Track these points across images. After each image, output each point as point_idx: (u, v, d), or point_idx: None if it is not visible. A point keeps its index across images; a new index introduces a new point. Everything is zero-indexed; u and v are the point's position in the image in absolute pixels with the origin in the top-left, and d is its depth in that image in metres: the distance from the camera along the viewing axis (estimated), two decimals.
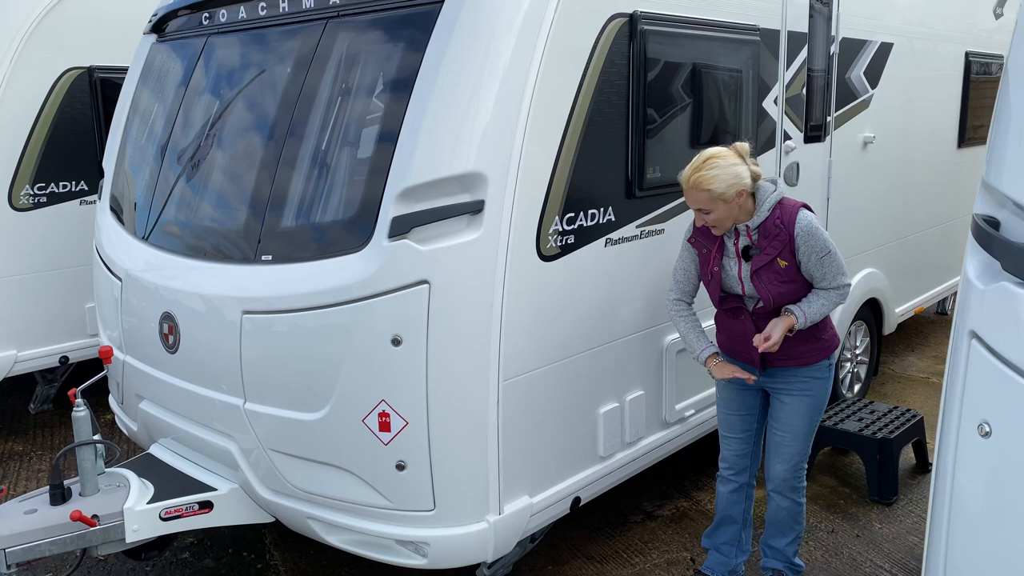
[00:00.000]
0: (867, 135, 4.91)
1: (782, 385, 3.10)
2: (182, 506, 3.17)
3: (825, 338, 3.07)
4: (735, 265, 2.96)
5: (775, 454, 3.15)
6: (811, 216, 2.90)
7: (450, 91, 2.74)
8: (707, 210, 2.85)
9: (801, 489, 3.20)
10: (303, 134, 3.09)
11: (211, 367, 3.18)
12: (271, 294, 2.95)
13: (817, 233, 2.88)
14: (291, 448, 3.00)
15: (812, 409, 3.10)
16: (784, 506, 3.21)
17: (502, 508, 2.93)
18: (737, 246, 2.95)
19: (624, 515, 4.10)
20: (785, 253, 2.89)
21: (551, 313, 3.04)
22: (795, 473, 3.15)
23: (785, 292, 2.93)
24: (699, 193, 2.83)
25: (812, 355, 3.05)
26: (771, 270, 2.91)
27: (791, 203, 2.93)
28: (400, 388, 2.75)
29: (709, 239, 3.02)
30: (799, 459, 3.14)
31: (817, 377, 3.07)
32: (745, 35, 3.76)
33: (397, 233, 2.69)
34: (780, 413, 3.11)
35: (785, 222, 2.88)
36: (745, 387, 3.19)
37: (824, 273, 2.91)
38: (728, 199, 2.83)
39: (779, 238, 2.88)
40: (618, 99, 3.20)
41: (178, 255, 3.41)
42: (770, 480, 3.20)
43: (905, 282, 5.67)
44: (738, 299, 3.02)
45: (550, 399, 3.10)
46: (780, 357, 3.03)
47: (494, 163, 2.76)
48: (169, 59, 3.92)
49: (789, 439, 3.10)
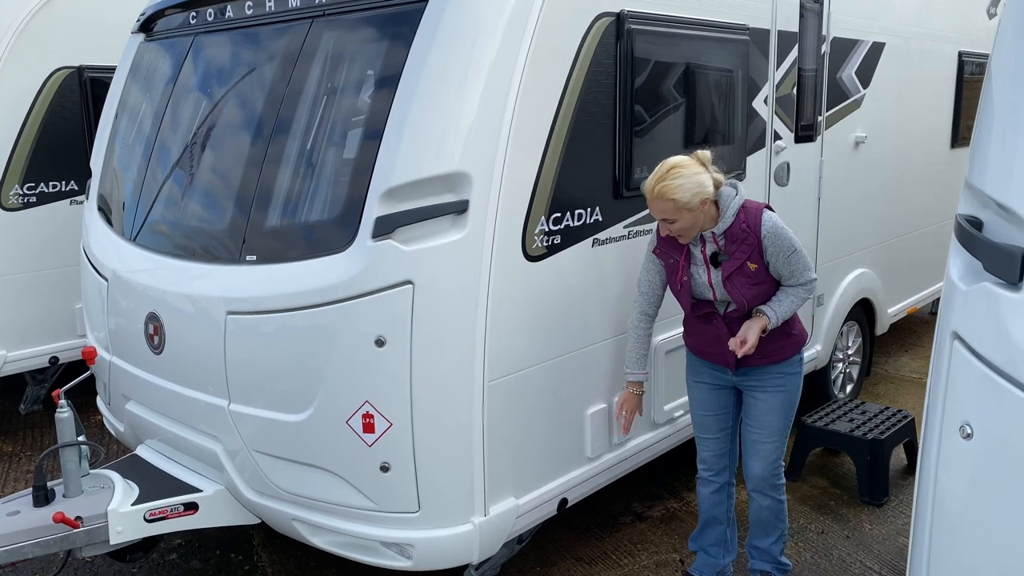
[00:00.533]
0: (859, 135, 4.89)
1: (755, 383, 3.10)
2: (167, 507, 3.16)
3: (795, 333, 3.09)
4: (704, 272, 2.97)
5: (752, 453, 3.15)
6: (775, 216, 2.93)
7: (434, 90, 2.72)
8: (672, 219, 2.86)
9: (780, 486, 3.20)
10: (288, 133, 3.07)
11: (196, 368, 3.16)
12: (255, 294, 2.93)
13: (783, 233, 2.90)
14: (275, 449, 2.98)
15: (786, 405, 3.10)
16: (765, 505, 3.21)
17: (488, 510, 2.91)
18: (704, 253, 2.96)
19: (614, 516, 4.08)
20: (754, 256, 2.90)
21: (537, 314, 3.03)
22: (773, 471, 3.15)
23: (758, 294, 2.95)
24: (664, 203, 2.83)
25: (784, 351, 3.06)
26: (742, 274, 2.92)
27: (754, 205, 2.94)
28: (384, 389, 2.73)
29: (675, 248, 3.01)
30: (776, 456, 3.14)
31: (789, 372, 3.09)
32: (734, 34, 3.74)
33: (381, 233, 2.68)
34: (754, 411, 3.11)
35: (751, 225, 2.89)
36: (717, 387, 3.19)
37: (792, 271, 2.93)
38: (693, 208, 2.83)
39: (747, 242, 2.89)
40: (605, 99, 3.18)
41: (164, 255, 3.39)
42: (749, 480, 3.20)
43: (898, 282, 5.66)
44: (709, 304, 3.03)
45: (537, 400, 3.09)
46: (753, 356, 3.03)
47: (479, 163, 2.75)
48: (156, 59, 3.90)
49: (765, 436, 3.11)
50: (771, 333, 3.01)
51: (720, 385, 3.19)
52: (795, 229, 4.45)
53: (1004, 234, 1.87)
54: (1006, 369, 1.79)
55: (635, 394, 3.21)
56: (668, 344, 3.64)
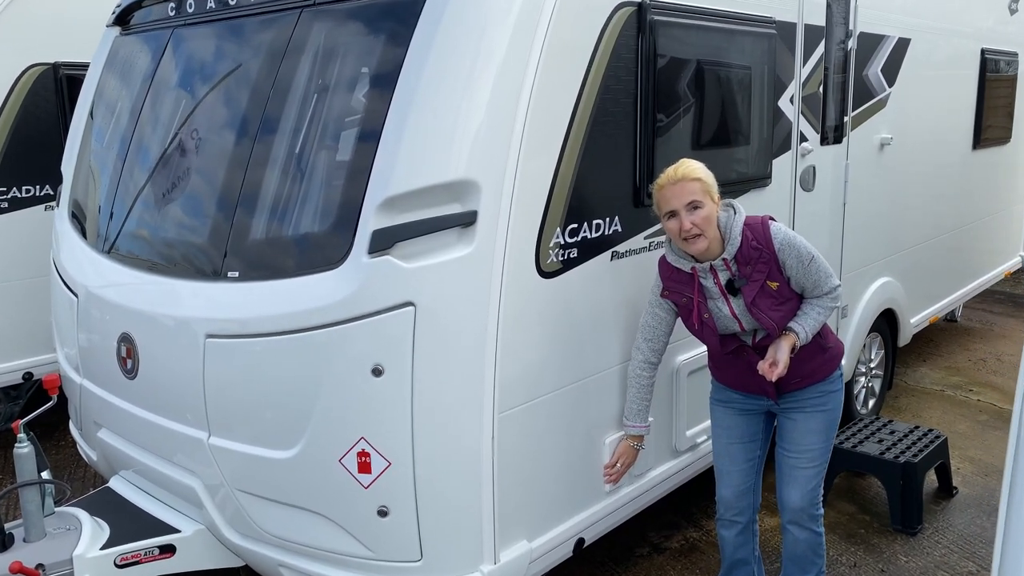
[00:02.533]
0: (884, 136, 4.61)
1: (793, 404, 2.83)
2: (140, 551, 2.85)
3: (831, 346, 2.84)
4: (724, 305, 2.69)
5: (789, 480, 2.86)
6: (783, 226, 2.69)
7: (437, 89, 2.42)
8: (699, 203, 2.57)
9: (819, 517, 2.90)
10: (274, 136, 2.76)
11: (172, 395, 2.85)
12: (237, 316, 2.62)
13: (796, 241, 2.65)
14: (260, 489, 2.67)
15: (827, 426, 2.83)
16: (803, 539, 2.91)
17: (498, 556, 2.61)
18: (719, 284, 2.68)
19: (629, 548, 3.79)
20: (773, 274, 2.65)
21: (552, 336, 2.73)
22: (812, 500, 2.86)
23: (786, 314, 2.70)
24: (690, 184, 2.58)
25: (824, 368, 2.81)
26: (765, 295, 2.65)
27: (756, 220, 2.69)
28: (382, 424, 2.43)
29: (686, 285, 2.72)
30: (815, 484, 2.85)
31: (831, 390, 2.83)
32: (761, 28, 3.45)
33: (378, 248, 2.37)
34: (792, 434, 2.83)
35: (761, 241, 2.64)
36: (747, 411, 2.90)
37: (815, 281, 2.68)
38: (714, 196, 2.62)
39: (762, 260, 2.63)
40: (625, 98, 2.88)
41: (138, 270, 3.08)
42: (785, 511, 2.90)
43: (920, 290, 5.38)
44: (736, 339, 2.75)
45: (552, 431, 2.79)
46: (794, 380, 2.77)
47: (488, 169, 2.45)
48: (133, 54, 3.58)
49: (804, 461, 2.82)
50: (806, 352, 2.74)
51: (750, 409, 2.90)
52: (820, 237, 4.20)
53: None
54: None
55: (634, 448, 2.95)
56: (691, 364, 3.35)
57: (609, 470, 2.96)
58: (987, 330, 7.12)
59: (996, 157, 6.23)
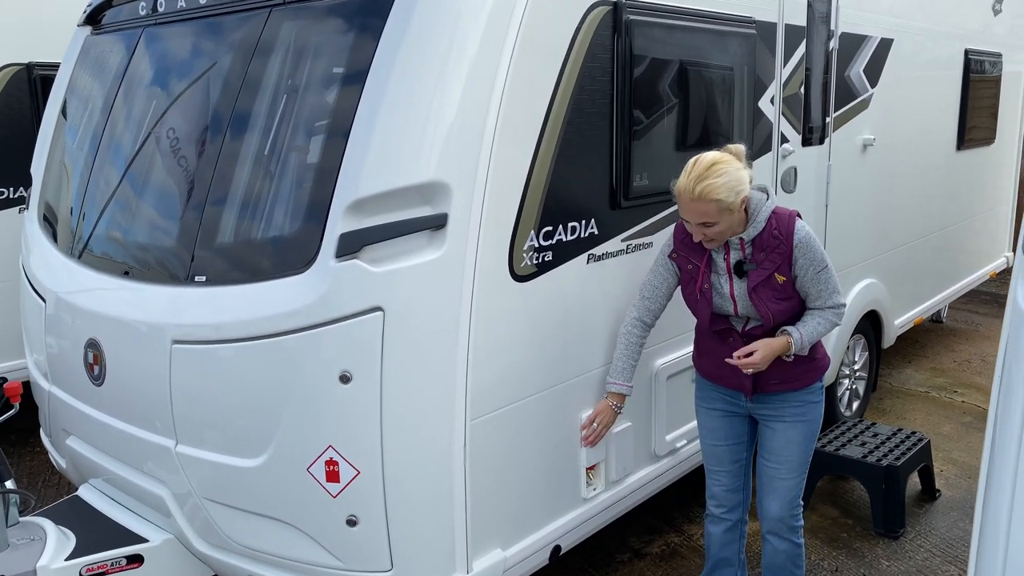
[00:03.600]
0: (867, 137, 4.59)
1: (772, 411, 2.78)
2: (107, 561, 2.78)
3: (818, 358, 2.79)
4: (726, 283, 2.65)
5: (769, 491, 2.82)
6: (808, 226, 2.64)
7: (407, 88, 2.37)
8: (713, 222, 2.52)
9: (799, 528, 2.87)
10: (242, 138, 2.71)
11: (139, 403, 2.79)
12: (204, 321, 2.56)
13: (815, 245, 2.61)
14: (228, 498, 2.62)
15: (806, 436, 2.79)
16: (782, 549, 2.87)
17: (470, 565, 2.56)
18: (728, 262, 2.64)
19: (609, 553, 3.74)
20: (783, 267, 2.60)
21: (526, 341, 2.68)
22: (792, 511, 2.82)
23: (783, 310, 2.65)
24: (706, 205, 2.48)
25: (806, 377, 2.75)
26: (769, 286, 2.61)
27: (785, 212, 2.65)
28: (350, 432, 2.38)
29: (696, 253, 2.69)
30: (795, 494, 2.81)
31: (811, 401, 2.77)
32: (740, 28, 3.41)
33: (346, 252, 2.32)
34: (771, 443, 2.79)
35: (783, 233, 2.59)
36: (731, 414, 2.87)
37: (820, 290, 2.63)
38: (735, 208, 2.52)
39: (778, 251, 2.59)
40: (601, 98, 2.84)
41: (107, 274, 3.02)
42: (765, 521, 2.87)
43: (904, 292, 5.36)
44: (727, 320, 2.70)
45: (526, 438, 2.74)
46: (772, 381, 2.71)
47: (459, 171, 2.40)
48: (103, 54, 3.52)
49: (784, 471, 2.78)
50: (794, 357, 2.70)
51: (734, 412, 2.86)
52: None
53: None
54: None
55: (613, 408, 2.88)
56: (670, 368, 3.31)
57: (586, 429, 2.90)
58: (972, 331, 7.12)
59: (980, 158, 6.23)
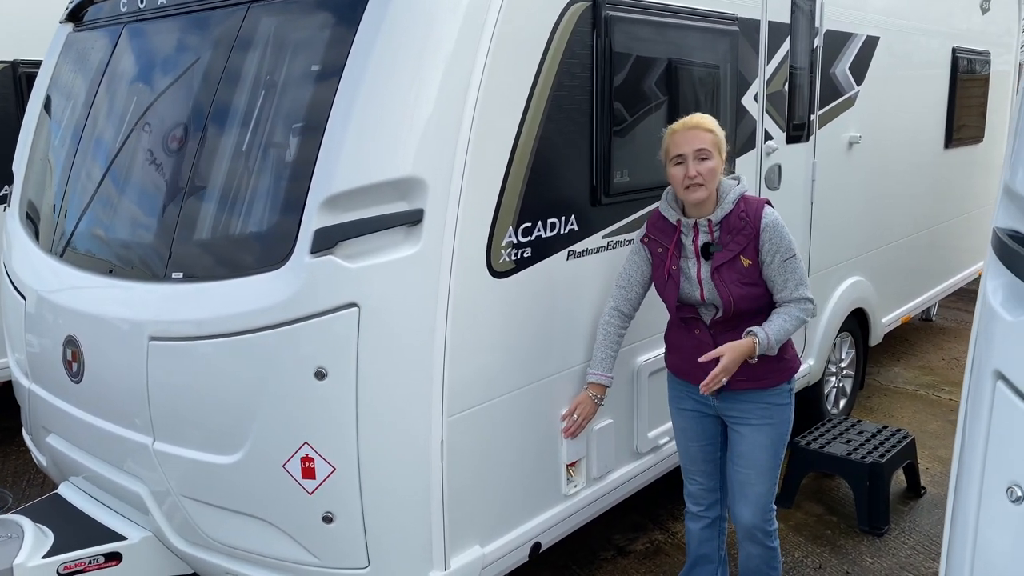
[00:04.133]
0: (853, 135, 4.59)
1: (739, 413, 2.76)
2: (84, 559, 2.77)
3: (787, 358, 2.76)
4: (694, 266, 2.66)
5: (740, 497, 2.80)
6: (777, 213, 2.66)
7: (383, 83, 2.36)
8: (708, 154, 2.58)
9: (773, 533, 2.85)
10: (220, 134, 2.70)
11: (116, 400, 2.78)
12: (180, 317, 2.56)
13: (783, 231, 2.62)
14: (205, 495, 2.61)
15: (775, 440, 2.76)
16: (756, 554, 2.87)
17: (448, 563, 2.56)
18: (696, 244, 2.66)
19: (593, 551, 3.74)
20: (749, 251, 2.61)
21: (505, 337, 2.68)
22: (764, 517, 2.80)
23: (746, 295, 2.63)
24: (703, 133, 2.60)
25: (772, 376, 2.72)
26: (733, 269, 2.61)
27: (755, 198, 2.69)
28: (325, 429, 2.37)
29: (666, 236, 2.72)
30: (767, 500, 2.79)
31: (778, 403, 2.75)
32: (723, 25, 3.41)
33: (321, 248, 2.31)
34: (740, 447, 2.78)
35: (751, 216, 2.61)
36: (701, 414, 2.86)
37: (786, 280, 2.62)
38: (723, 152, 2.63)
39: (744, 232, 2.60)
40: (581, 94, 2.84)
41: (85, 271, 3.01)
42: (738, 528, 2.85)
43: (892, 290, 5.36)
44: (693, 308, 2.70)
45: (505, 434, 2.73)
46: (739, 378, 2.68)
47: (435, 167, 2.39)
48: (85, 51, 3.50)
49: (753, 476, 2.76)
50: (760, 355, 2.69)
51: (704, 412, 2.85)
52: None
53: None
54: None
55: (593, 399, 2.87)
56: (652, 365, 3.30)
57: (566, 421, 2.90)
58: (962, 329, 7.13)
59: (968, 156, 6.24)
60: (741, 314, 2.64)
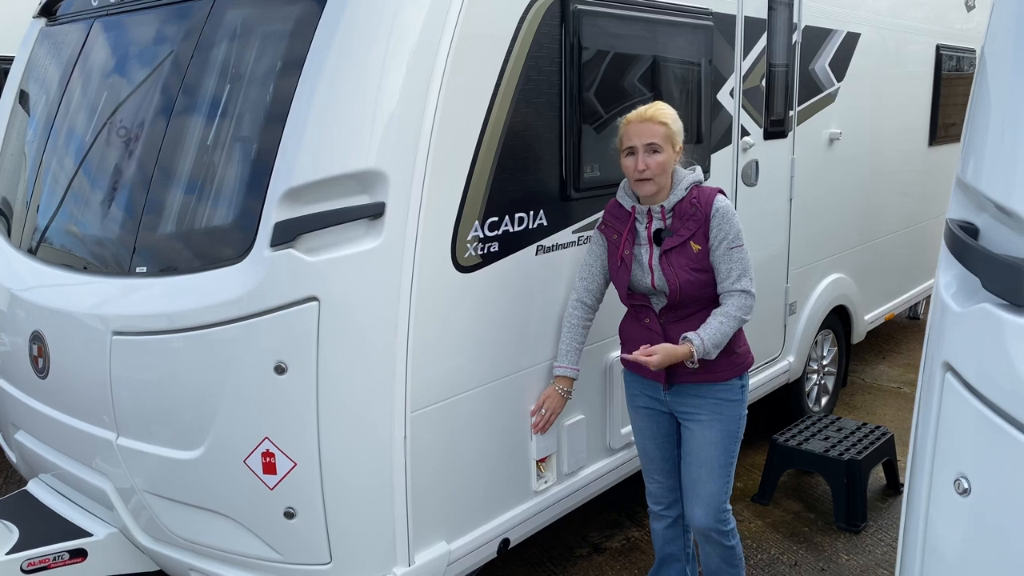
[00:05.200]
0: (833, 131, 4.58)
1: (690, 409, 2.72)
2: (49, 556, 2.75)
3: (738, 352, 2.72)
4: (646, 252, 2.66)
5: (692, 496, 2.76)
6: (730, 204, 2.67)
7: (344, 75, 2.34)
8: (658, 147, 2.57)
9: (729, 532, 2.80)
10: (185, 126, 2.68)
11: (81, 395, 2.76)
12: (142, 312, 2.54)
13: (733, 219, 2.62)
14: (168, 491, 2.59)
15: (725, 437, 2.71)
16: (715, 553, 2.83)
17: (412, 558, 2.54)
18: (649, 230, 2.66)
19: (569, 547, 3.73)
20: (699, 236, 2.61)
21: (471, 332, 2.66)
22: (718, 518, 2.75)
23: (694, 281, 2.61)
24: (655, 126, 2.58)
25: (722, 370, 2.68)
26: (683, 254, 2.61)
27: (709, 188, 2.70)
28: (286, 424, 2.35)
29: (621, 221, 2.73)
30: (720, 500, 2.73)
31: (729, 399, 2.71)
32: (696, 19, 3.40)
33: (280, 241, 2.29)
34: (690, 444, 2.74)
35: (702, 202, 2.63)
36: (654, 411, 2.83)
37: (731, 268, 2.60)
38: (676, 145, 2.63)
39: (695, 218, 2.62)
40: (549, 88, 2.82)
41: (52, 266, 2.99)
42: (692, 527, 2.81)
43: (875, 287, 5.36)
44: (644, 297, 2.69)
45: (473, 430, 2.72)
46: (687, 371, 2.66)
47: (396, 159, 2.38)
48: (55, 45, 3.48)
49: (704, 474, 2.72)
50: None
51: (657, 409, 2.82)
52: (765, 232, 4.16)
53: (1006, 244, 1.53)
54: (1010, 410, 1.45)
55: (560, 393, 2.86)
56: None
57: (535, 416, 2.89)
58: None
59: (953, 154, 6.22)
60: (688, 301, 2.63)
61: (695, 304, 2.63)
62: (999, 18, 1.64)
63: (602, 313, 3.08)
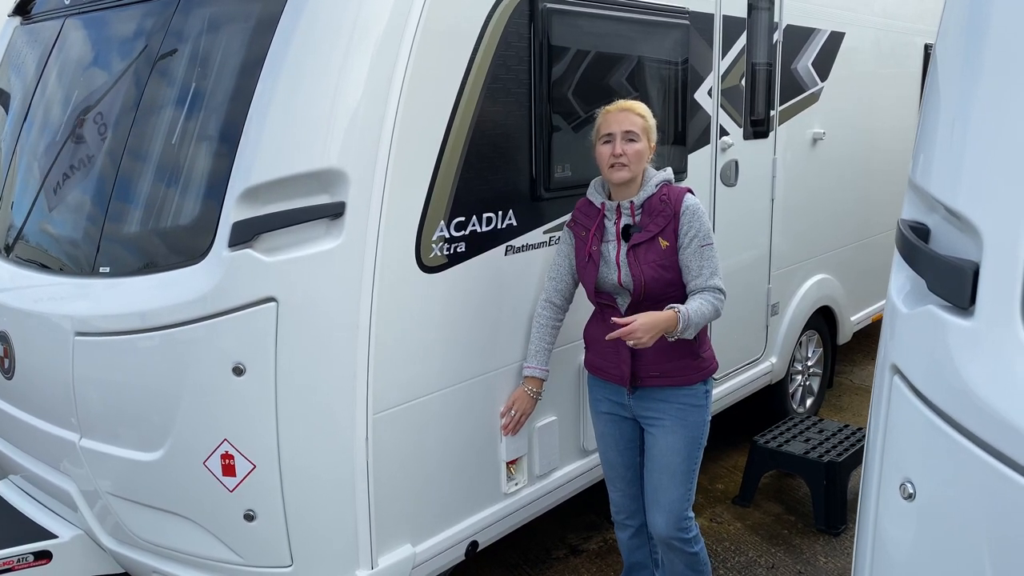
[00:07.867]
0: (817, 131, 4.55)
1: (653, 413, 2.69)
2: (12, 557, 2.73)
3: (703, 356, 2.68)
4: (614, 249, 2.64)
5: (653, 503, 2.72)
6: (699, 203, 2.65)
7: (304, 73, 2.32)
8: (635, 136, 2.58)
9: (691, 539, 2.76)
10: (148, 126, 2.66)
11: (45, 396, 2.75)
12: (104, 312, 2.52)
13: (703, 217, 2.61)
14: (130, 492, 2.57)
15: (688, 443, 2.67)
16: (678, 559, 2.79)
17: (376, 561, 2.52)
18: (618, 226, 2.65)
19: (547, 549, 3.70)
20: (668, 232, 2.59)
21: (437, 333, 2.64)
22: (680, 526, 2.70)
23: (660, 279, 2.58)
24: (635, 116, 2.62)
25: (686, 374, 2.64)
26: (651, 250, 2.59)
27: (679, 187, 2.70)
28: (244, 426, 2.33)
29: (590, 218, 2.71)
30: (682, 508, 2.69)
31: (693, 404, 2.67)
32: (672, 18, 3.37)
33: (238, 241, 2.27)
34: (652, 450, 2.71)
35: (672, 199, 2.62)
36: (618, 417, 2.79)
37: (701, 266, 2.57)
38: (651, 139, 2.65)
39: (663, 214, 2.60)
40: (518, 88, 2.80)
41: (20, 266, 2.97)
42: (654, 535, 2.77)
43: (861, 288, 5.32)
44: (610, 296, 2.67)
45: (439, 432, 2.70)
46: (652, 373, 2.64)
47: (357, 159, 2.35)
48: (28, 44, 3.47)
49: (666, 480, 2.68)
50: (675, 350, 2.60)
51: (620, 415, 2.78)
52: (746, 232, 4.13)
53: (953, 245, 1.51)
54: (953, 414, 1.43)
55: (530, 394, 2.84)
56: None
57: (504, 418, 2.87)
58: None
59: None
60: (653, 299, 2.59)
61: (660, 303, 2.60)
62: (950, 17, 1.62)
63: (578, 314, 3.06)
